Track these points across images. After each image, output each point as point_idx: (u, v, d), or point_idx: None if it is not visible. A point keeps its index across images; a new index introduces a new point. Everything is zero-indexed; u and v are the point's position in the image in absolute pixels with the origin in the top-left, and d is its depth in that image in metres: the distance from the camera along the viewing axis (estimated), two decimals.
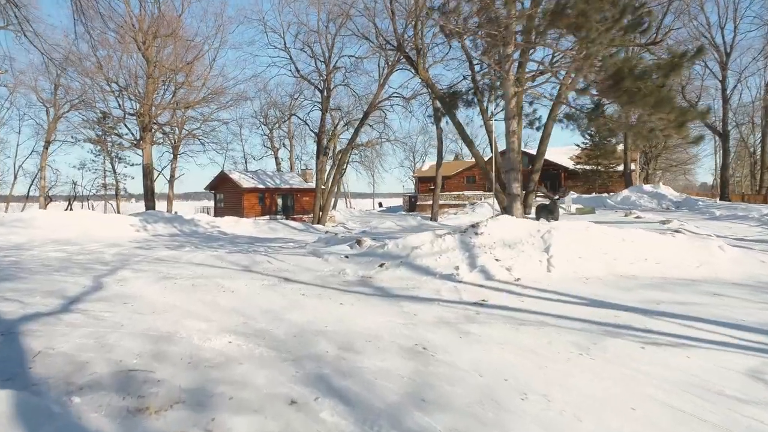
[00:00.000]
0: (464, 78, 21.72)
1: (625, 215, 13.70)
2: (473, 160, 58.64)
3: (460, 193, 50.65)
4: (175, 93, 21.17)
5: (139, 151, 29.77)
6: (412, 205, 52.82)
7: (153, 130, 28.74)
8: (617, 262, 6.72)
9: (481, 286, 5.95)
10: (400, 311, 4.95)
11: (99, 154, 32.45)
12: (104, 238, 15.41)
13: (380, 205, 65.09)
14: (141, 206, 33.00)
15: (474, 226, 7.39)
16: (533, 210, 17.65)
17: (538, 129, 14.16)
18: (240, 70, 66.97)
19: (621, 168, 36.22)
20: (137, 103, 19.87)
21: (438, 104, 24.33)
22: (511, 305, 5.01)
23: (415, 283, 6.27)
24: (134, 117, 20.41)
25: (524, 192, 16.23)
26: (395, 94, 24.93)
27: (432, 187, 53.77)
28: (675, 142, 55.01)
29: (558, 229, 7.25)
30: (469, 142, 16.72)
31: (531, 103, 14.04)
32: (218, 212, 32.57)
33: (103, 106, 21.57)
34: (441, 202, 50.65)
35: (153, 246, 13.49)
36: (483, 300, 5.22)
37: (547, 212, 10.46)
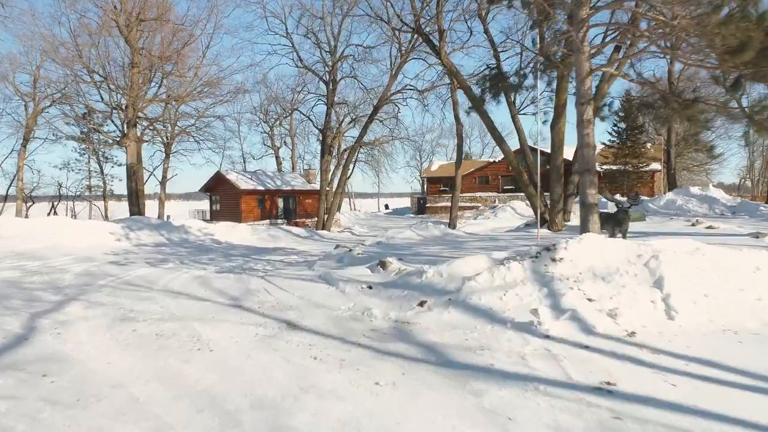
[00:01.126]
0: (487, 67, 19.87)
1: (692, 224, 11.76)
2: (485, 159, 56.70)
3: (473, 195, 48.73)
4: (161, 83, 19.31)
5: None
6: (420, 207, 50.88)
7: (144, 127, 26.99)
8: (763, 303, 4.81)
9: (584, 346, 4.06)
10: (478, 407, 3.07)
11: (84, 153, 30.69)
12: (78, 249, 13.62)
13: (386, 206, 63.23)
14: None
15: (549, 249, 5.49)
16: (575, 217, 15.73)
17: (603, 119, 12.21)
18: (236, 58, 64.29)
19: (650, 168, 34.24)
20: (120, 94, 18.07)
21: (458, 96, 22.44)
22: (660, 396, 3.12)
23: (479, 338, 4.38)
24: (117, 111, 18.55)
25: (564, 196, 14.34)
26: (409, 87, 23.10)
27: (443, 188, 51.83)
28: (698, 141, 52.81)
29: (665, 253, 5.35)
30: (498, 138, 14.86)
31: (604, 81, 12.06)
32: (214, 216, 30.78)
33: (87, 98, 19.78)
34: (447, 204, 48.71)
35: (131, 260, 11.69)
36: (607, 382, 3.33)
37: (614, 224, 8.54)
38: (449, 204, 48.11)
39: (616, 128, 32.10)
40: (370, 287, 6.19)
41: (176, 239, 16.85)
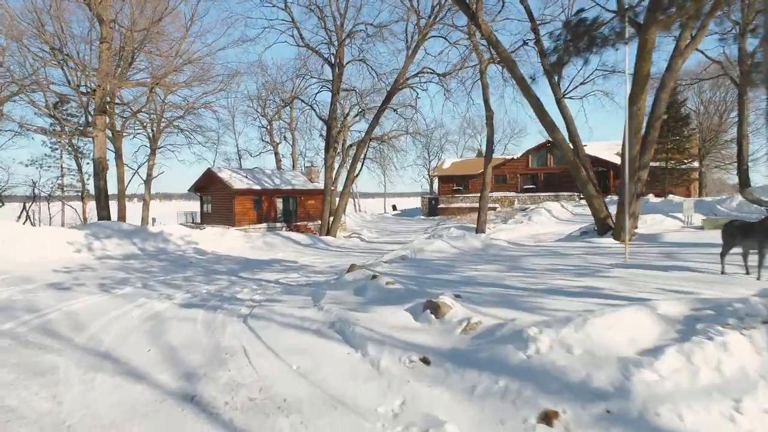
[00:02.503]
0: (525, 43, 17.29)
1: None
2: (500, 157, 53.89)
3: (489, 194, 45.94)
4: (131, 61, 16.50)
5: (110, 147, 25.56)
6: (432, 208, 48.16)
7: (124, 119, 24.52)
8: None
9: None
10: None
11: (55, 148, 28.10)
12: (20, 264, 11.11)
13: (394, 207, 60.68)
14: (133, 209, 28.46)
15: None
16: (643, 224, 13.09)
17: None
18: (224, 30, 58.89)
19: (690, 165, 31.54)
20: (86, 76, 15.41)
21: (488, 79, 19.81)
22: None
23: None
24: (78, 92, 15.88)
25: (635, 195, 11.71)
26: (427, 69, 20.48)
27: (456, 188, 49.07)
28: (732, 136, 49.76)
29: None
30: (550, 124, 12.23)
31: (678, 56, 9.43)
32: (205, 219, 28.29)
33: (50, 81, 17.09)
34: (466, 205, 46.01)
35: (80, 282, 9.15)
36: None
37: (763, 239, 5.93)
38: (464, 205, 45.56)
39: None
40: (427, 361, 3.60)
41: (151, 249, 14.34)
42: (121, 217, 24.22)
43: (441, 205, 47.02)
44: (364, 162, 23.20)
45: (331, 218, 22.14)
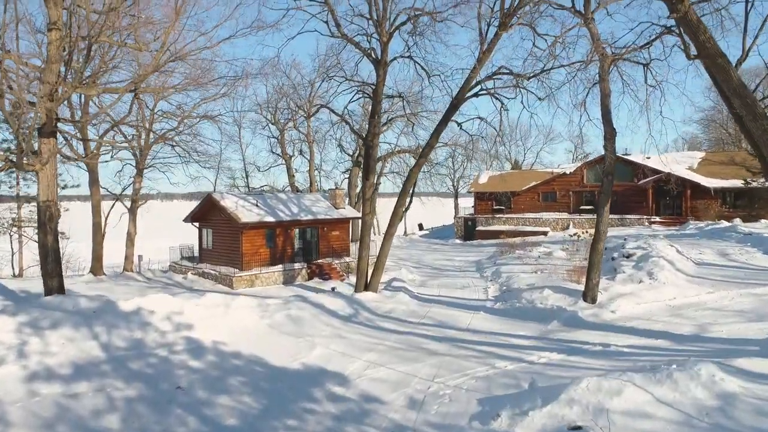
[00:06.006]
0: (667, 30, 12.68)
1: None
2: (547, 169, 48.86)
3: (537, 216, 41.04)
4: (89, 50, 11.65)
5: (83, 166, 21.35)
6: (469, 230, 43.17)
7: (98, 139, 20.31)
8: None
9: None
10: None
11: (11, 171, 23.87)
12: None
13: (420, 227, 55.95)
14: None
15: None
16: None
17: None
18: (233, 9, 45.16)
19: None
20: (23, 77, 10.98)
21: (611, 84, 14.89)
22: None
23: None
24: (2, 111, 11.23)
25: None
26: (504, 69, 15.92)
27: (497, 207, 44.02)
28: None
29: None
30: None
31: None
32: (205, 257, 23.92)
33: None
34: (509, 228, 40.50)
35: None
36: None
37: None
38: (507, 227, 40.18)
39: None
40: None
41: (121, 346, 9.89)
42: (97, 258, 19.89)
43: (479, 227, 42.18)
44: (413, 194, 18.50)
45: (373, 268, 17.58)
